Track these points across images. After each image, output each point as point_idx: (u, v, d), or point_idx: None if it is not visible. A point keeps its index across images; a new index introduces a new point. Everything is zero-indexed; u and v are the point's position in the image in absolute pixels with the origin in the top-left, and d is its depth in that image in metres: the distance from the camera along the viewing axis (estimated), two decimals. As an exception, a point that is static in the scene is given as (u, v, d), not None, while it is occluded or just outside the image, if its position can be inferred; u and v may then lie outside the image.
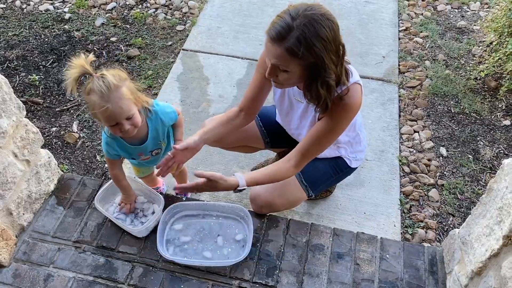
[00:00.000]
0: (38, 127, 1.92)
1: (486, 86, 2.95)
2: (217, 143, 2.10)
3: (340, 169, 1.96)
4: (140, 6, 3.62)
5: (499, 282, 1.29)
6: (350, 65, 1.59)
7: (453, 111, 2.81)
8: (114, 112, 1.48)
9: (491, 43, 3.07)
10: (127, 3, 3.63)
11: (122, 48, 3.21)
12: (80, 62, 1.45)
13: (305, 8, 1.37)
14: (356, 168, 2.00)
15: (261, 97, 1.83)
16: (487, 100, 2.87)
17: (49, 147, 2.56)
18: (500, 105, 2.83)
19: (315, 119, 1.68)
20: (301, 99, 1.71)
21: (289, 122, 1.87)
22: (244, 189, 1.66)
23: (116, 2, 3.62)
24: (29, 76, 2.97)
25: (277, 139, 2.09)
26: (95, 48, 3.18)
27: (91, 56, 1.49)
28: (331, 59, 1.40)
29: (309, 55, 1.37)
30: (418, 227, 2.22)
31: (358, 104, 1.57)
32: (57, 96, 2.88)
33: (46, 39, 3.28)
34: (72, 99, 2.86)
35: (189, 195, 2.20)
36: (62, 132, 2.66)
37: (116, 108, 1.48)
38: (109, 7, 3.57)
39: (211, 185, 1.61)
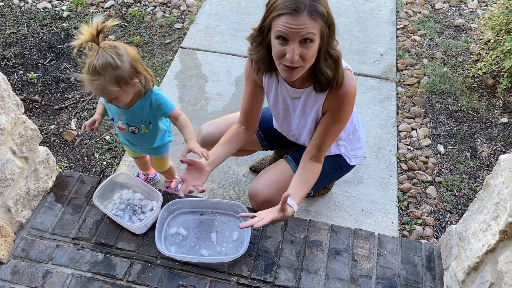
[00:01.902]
0: (37, 125, 1.92)
1: (483, 84, 2.96)
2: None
3: (339, 167, 1.96)
4: (138, 4, 3.62)
5: (496, 277, 1.30)
6: None
7: (450, 109, 2.82)
8: (96, 89, 1.57)
9: (488, 41, 3.08)
10: (125, 1, 3.63)
11: (120, 46, 3.20)
12: (91, 30, 1.49)
13: None
14: (355, 165, 2.01)
15: (257, 106, 1.83)
16: (485, 97, 2.88)
17: (48, 144, 2.56)
18: (497, 103, 2.84)
19: (318, 113, 1.68)
20: (297, 95, 1.71)
21: (288, 124, 1.86)
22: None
23: (114, 0, 3.62)
24: (27, 74, 2.97)
25: (275, 141, 2.09)
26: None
27: (110, 22, 1.53)
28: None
29: (327, 15, 1.39)
30: (415, 224, 2.22)
31: (354, 88, 1.60)
32: (55, 94, 2.88)
33: (44, 37, 3.27)
34: (70, 96, 2.86)
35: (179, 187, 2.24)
36: (60, 130, 2.66)
37: (96, 90, 1.58)
38: (107, 5, 3.57)
39: (282, 217, 1.58)
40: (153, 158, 2.09)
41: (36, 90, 2.90)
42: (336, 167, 1.95)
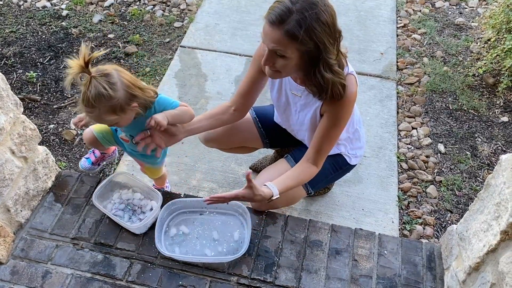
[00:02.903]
0: (36, 124, 1.91)
1: (484, 82, 2.95)
2: (215, 143, 2.10)
3: (339, 166, 1.96)
4: (137, 3, 3.61)
5: (497, 278, 1.29)
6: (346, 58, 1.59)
7: (451, 108, 2.81)
8: (93, 120, 1.59)
9: (489, 39, 3.07)
10: (125, 0, 3.62)
11: (120, 45, 3.20)
12: (79, 62, 1.42)
13: None
14: (356, 165, 2.00)
15: (254, 92, 1.82)
16: (485, 96, 2.87)
17: (47, 144, 2.55)
18: (498, 102, 2.84)
19: (315, 113, 1.68)
20: (297, 92, 1.70)
21: (287, 118, 1.86)
22: (277, 198, 1.65)
23: (114, -1, 3.61)
24: (27, 73, 2.96)
25: (276, 139, 2.08)
26: (92, 45, 3.17)
27: (96, 53, 1.46)
28: (330, 42, 1.41)
29: (308, 39, 1.37)
30: (416, 224, 2.22)
31: (354, 94, 1.58)
32: (54, 93, 2.87)
33: (44, 36, 3.26)
34: (69, 96, 2.85)
35: (169, 187, 2.25)
36: (59, 129, 2.65)
37: (96, 119, 1.56)
38: (106, 4, 3.56)
39: (249, 194, 1.59)
40: (146, 166, 2.01)
41: (35, 89, 2.89)
42: (336, 167, 1.95)
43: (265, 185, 1.65)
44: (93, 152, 2.16)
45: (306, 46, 1.39)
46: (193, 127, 1.77)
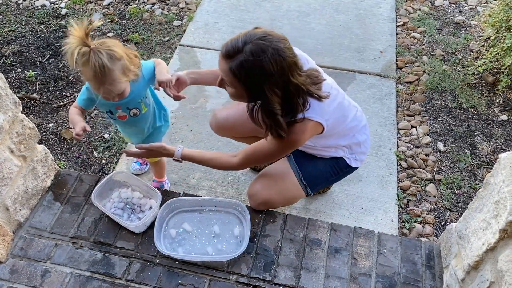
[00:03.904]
0: (35, 123, 1.91)
1: (483, 81, 2.95)
2: (229, 131, 2.12)
3: (340, 168, 1.93)
4: (136, 2, 3.60)
5: (496, 276, 1.29)
6: (317, 101, 1.56)
7: (450, 106, 2.81)
8: (105, 92, 1.57)
9: (488, 38, 3.06)
10: (124, -2, 3.61)
11: (119, 43, 3.19)
12: (79, 34, 1.46)
13: (260, 37, 1.40)
14: (357, 168, 1.97)
15: None
16: (485, 95, 2.87)
17: (46, 143, 2.55)
18: (497, 100, 2.83)
19: None
20: None
21: None
22: (180, 161, 1.75)
23: (113, -2, 3.60)
24: (26, 72, 2.96)
25: None
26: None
27: (96, 23, 1.50)
28: (273, 91, 1.44)
29: (248, 82, 1.43)
30: (415, 222, 2.22)
31: (296, 141, 1.59)
32: (53, 92, 2.87)
33: (43, 35, 3.26)
34: (68, 95, 2.85)
35: (168, 184, 2.30)
36: (59, 128, 2.65)
37: (107, 90, 1.56)
38: (105, 2, 3.55)
39: (153, 154, 1.78)
40: None
41: (34, 88, 2.88)
42: (337, 169, 1.93)
43: (179, 146, 1.76)
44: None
45: (247, 87, 1.45)
46: (201, 79, 1.91)
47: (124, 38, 3.23)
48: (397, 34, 3.33)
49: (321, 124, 1.61)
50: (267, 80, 1.41)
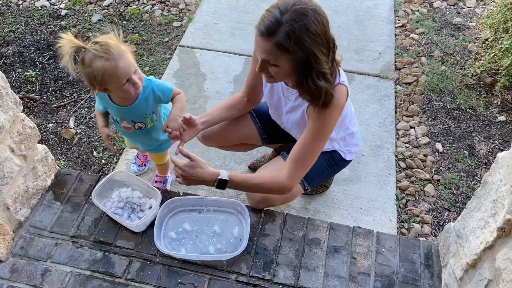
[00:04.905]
0: (35, 123, 1.91)
1: (481, 82, 2.96)
2: (214, 141, 2.12)
3: (334, 162, 1.97)
4: (136, 3, 3.61)
5: (494, 274, 1.30)
6: (339, 67, 1.58)
7: (449, 107, 2.83)
8: (123, 67, 1.54)
9: (486, 39, 3.08)
10: (124, -1, 3.62)
11: (119, 44, 3.20)
12: (68, 37, 1.47)
13: (294, 2, 1.37)
14: (351, 161, 2.01)
15: (260, 85, 1.86)
16: (483, 96, 2.89)
17: (46, 143, 2.56)
18: (495, 101, 2.85)
19: (303, 115, 1.69)
20: (288, 96, 1.72)
21: (279, 116, 1.89)
22: (225, 184, 1.65)
23: (113, -1, 3.62)
24: (26, 73, 2.97)
25: (273, 134, 2.09)
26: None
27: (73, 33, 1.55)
28: (322, 52, 1.41)
29: (299, 50, 1.37)
30: (414, 222, 2.23)
31: (341, 104, 1.57)
32: (53, 92, 2.87)
33: (43, 35, 3.27)
34: (68, 95, 2.86)
35: (168, 185, 2.31)
36: (59, 128, 2.66)
37: (124, 63, 1.54)
38: (105, 3, 3.56)
39: (191, 169, 1.64)
40: (152, 153, 2.11)
41: (34, 88, 2.89)
42: (332, 162, 1.96)
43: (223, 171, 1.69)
44: (137, 156, 2.36)
45: (297, 56, 1.40)
46: (212, 120, 1.85)
47: (124, 39, 3.23)
48: (395, 35, 3.35)
49: (347, 94, 1.59)
50: (315, 41, 1.37)
